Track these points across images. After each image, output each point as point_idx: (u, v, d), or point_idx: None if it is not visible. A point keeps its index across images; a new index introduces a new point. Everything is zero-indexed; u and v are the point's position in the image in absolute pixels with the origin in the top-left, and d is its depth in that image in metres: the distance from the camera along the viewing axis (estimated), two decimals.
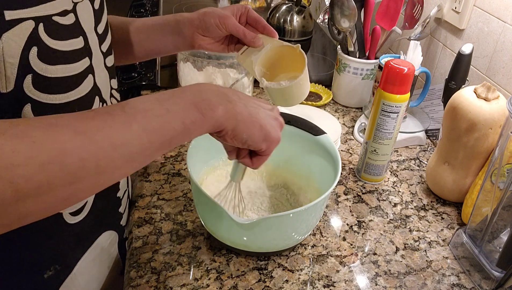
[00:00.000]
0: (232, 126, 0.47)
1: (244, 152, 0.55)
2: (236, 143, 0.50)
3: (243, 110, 0.48)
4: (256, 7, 1.79)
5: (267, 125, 0.51)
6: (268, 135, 0.51)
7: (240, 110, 0.48)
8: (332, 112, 1.09)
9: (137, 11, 1.62)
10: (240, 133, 0.48)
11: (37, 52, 0.43)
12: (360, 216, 0.77)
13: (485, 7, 0.90)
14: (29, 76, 0.43)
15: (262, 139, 0.51)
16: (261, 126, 0.50)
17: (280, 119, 0.54)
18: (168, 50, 0.72)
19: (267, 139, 0.51)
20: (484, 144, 0.73)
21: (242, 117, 0.48)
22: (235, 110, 0.47)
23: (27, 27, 0.41)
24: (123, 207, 0.70)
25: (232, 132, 0.48)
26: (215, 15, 0.66)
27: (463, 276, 0.68)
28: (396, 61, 0.76)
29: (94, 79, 0.53)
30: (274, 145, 0.53)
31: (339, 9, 1.03)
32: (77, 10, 0.48)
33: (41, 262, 0.55)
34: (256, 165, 0.56)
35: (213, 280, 0.63)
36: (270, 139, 0.52)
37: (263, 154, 0.54)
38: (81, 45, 0.49)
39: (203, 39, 0.68)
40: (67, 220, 0.55)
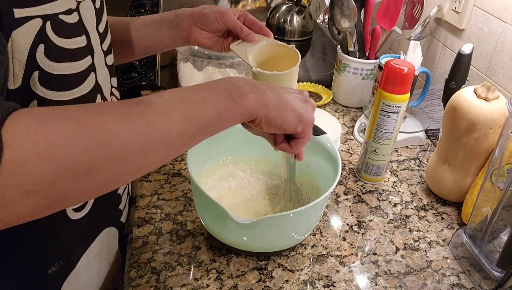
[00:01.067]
0: (265, 114, 0.48)
1: (280, 138, 0.56)
2: (272, 130, 0.51)
3: (272, 97, 0.49)
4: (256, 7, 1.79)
5: (298, 108, 0.52)
6: (301, 117, 0.52)
7: (270, 97, 0.49)
8: (332, 112, 1.09)
9: (137, 11, 1.62)
10: (274, 118, 0.49)
11: (44, 50, 0.44)
12: (360, 216, 0.77)
13: (485, 7, 0.90)
14: (35, 73, 0.44)
15: (296, 121, 0.52)
16: (293, 109, 0.51)
17: (312, 101, 0.55)
18: (165, 45, 0.73)
19: (302, 121, 0.52)
20: (484, 144, 0.73)
21: (272, 104, 0.49)
22: (265, 98, 0.49)
23: (35, 25, 0.42)
24: (123, 204, 0.70)
25: (266, 119, 0.49)
26: (214, 9, 0.68)
27: (463, 276, 0.68)
28: (396, 61, 0.76)
29: (96, 77, 0.54)
30: (309, 126, 0.54)
31: (339, 9, 1.03)
32: (80, 9, 0.49)
33: (45, 258, 0.56)
34: (295, 149, 0.57)
35: (213, 280, 0.63)
36: (304, 120, 0.53)
37: (299, 136, 0.55)
38: (84, 44, 0.50)
39: (200, 32, 0.69)
40: (71, 216, 0.56)
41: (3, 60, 0.38)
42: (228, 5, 1.81)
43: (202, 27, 0.68)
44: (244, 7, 1.80)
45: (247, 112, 0.47)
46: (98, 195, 0.40)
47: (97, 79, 0.54)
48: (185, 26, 0.69)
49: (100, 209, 0.61)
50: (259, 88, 0.49)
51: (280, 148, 0.57)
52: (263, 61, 0.67)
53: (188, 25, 0.69)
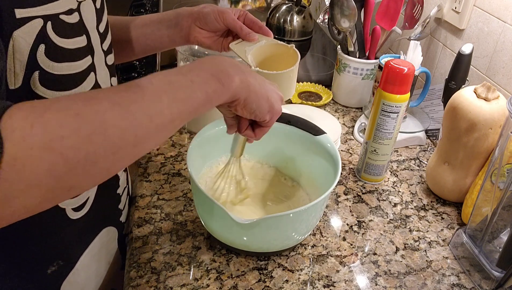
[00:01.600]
0: (245, 96, 0.50)
1: (245, 124, 0.58)
2: (245, 113, 0.53)
3: (254, 81, 0.51)
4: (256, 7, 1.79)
5: (271, 97, 0.54)
6: (272, 106, 0.54)
7: (252, 81, 0.51)
8: (332, 112, 1.09)
9: (137, 11, 1.62)
10: (250, 103, 0.51)
11: (44, 50, 0.44)
12: (360, 216, 0.77)
13: (485, 7, 0.90)
14: (36, 73, 0.44)
15: (267, 110, 0.54)
16: (268, 97, 0.53)
17: (279, 93, 0.57)
18: (164, 44, 0.73)
19: (271, 111, 0.54)
20: (484, 144, 0.73)
21: (253, 88, 0.51)
22: (248, 80, 0.50)
23: (36, 25, 0.42)
24: (123, 203, 0.70)
25: (244, 101, 0.50)
26: (214, 9, 0.68)
27: (463, 276, 0.68)
28: (396, 61, 0.76)
29: (95, 77, 0.54)
30: (276, 116, 0.56)
31: (339, 9, 1.03)
32: (80, 9, 0.49)
33: (45, 257, 0.56)
34: (259, 136, 0.58)
35: (213, 280, 0.63)
36: (274, 110, 0.55)
37: (266, 125, 0.57)
38: (84, 44, 0.50)
39: (200, 32, 0.69)
40: (70, 215, 0.56)
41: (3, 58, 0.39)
42: (228, 5, 1.80)
43: (201, 26, 0.68)
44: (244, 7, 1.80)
45: (231, 93, 0.48)
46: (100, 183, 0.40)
47: (97, 79, 0.54)
48: (184, 25, 0.69)
49: (99, 208, 0.61)
50: (243, 70, 0.50)
51: (245, 134, 0.58)
52: (263, 61, 0.67)
53: (188, 24, 0.69)
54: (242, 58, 0.64)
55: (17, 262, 0.53)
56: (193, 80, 0.45)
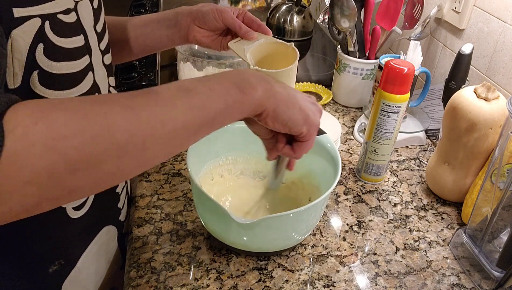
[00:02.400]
0: (273, 106, 0.47)
1: (282, 141, 0.53)
2: (277, 126, 0.49)
3: (282, 90, 0.48)
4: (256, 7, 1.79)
5: (305, 108, 0.50)
6: (308, 117, 0.50)
7: (279, 90, 0.48)
8: (332, 112, 1.09)
9: (137, 11, 1.62)
10: (281, 113, 0.47)
11: (43, 49, 0.44)
12: (360, 216, 0.77)
13: (485, 7, 0.90)
14: (35, 73, 0.44)
15: (302, 121, 0.49)
16: (301, 107, 0.49)
17: (319, 106, 0.53)
18: (163, 44, 0.73)
19: (307, 122, 0.50)
20: (484, 144, 0.73)
21: (281, 96, 0.47)
22: (274, 89, 0.47)
23: (35, 25, 0.42)
24: (122, 202, 0.70)
25: (273, 112, 0.47)
26: (213, 8, 0.67)
27: (463, 276, 0.68)
28: (396, 61, 0.76)
29: (93, 76, 0.54)
30: (314, 129, 0.51)
31: (339, 9, 1.03)
32: (78, 9, 0.49)
33: (46, 257, 0.56)
34: (299, 154, 0.53)
35: (213, 280, 0.63)
36: (310, 121, 0.50)
37: (303, 139, 0.51)
38: (82, 43, 0.50)
39: (199, 31, 0.69)
40: (71, 215, 0.56)
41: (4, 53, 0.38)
42: (228, 4, 1.81)
43: (200, 25, 0.68)
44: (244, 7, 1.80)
45: (255, 103, 0.45)
46: (104, 189, 0.39)
47: (95, 79, 0.54)
48: (183, 25, 0.69)
49: (99, 207, 0.61)
50: (268, 80, 0.48)
51: (283, 153, 0.54)
52: (262, 59, 0.67)
53: (187, 24, 0.69)
54: (240, 57, 0.64)
55: (18, 262, 0.53)
56: (212, 88, 0.43)
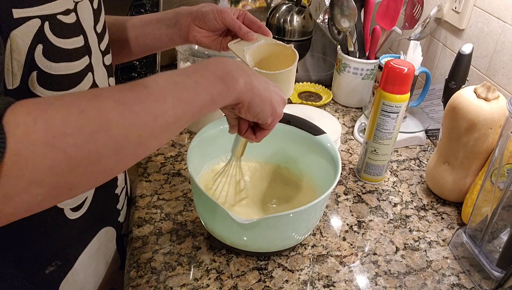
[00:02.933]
0: (249, 99, 0.50)
1: (245, 126, 0.58)
2: (248, 116, 0.53)
3: (258, 84, 0.51)
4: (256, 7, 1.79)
5: (275, 101, 0.54)
6: (275, 110, 0.54)
7: (257, 84, 0.50)
8: (332, 112, 1.09)
9: (137, 11, 1.62)
10: (254, 106, 0.51)
11: (42, 50, 0.44)
12: (360, 216, 0.77)
13: (485, 7, 0.90)
14: (34, 73, 0.44)
15: (270, 113, 0.53)
16: (272, 101, 0.53)
17: (282, 95, 0.56)
18: (163, 44, 0.73)
19: (274, 114, 0.54)
20: (484, 144, 0.73)
21: (258, 91, 0.50)
22: (253, 83, 0.50)
23: (34, 25, 0.42)
24: (121, 204, 0.70)
25: (248, 104, 0.50)
26: (213, 8, 0.68)
27: (463, 276, 0.68)
28: (396, 61, 0.76)
29: (93, 77, 0.54)
30: (278, 120, 0.56)
31: (339, 9, 1.03)
32: (77, 10, 0.49)
33: (43, 258, 0.56)
34: (260, 138, 0.59)
35: (213, 280, 0.63)
36: (276, 114, 0.55)
37: (267, 128, 0.57)
38: (82, 44, 0.50)
39: (199, 31, 0.69)
40: (68, 216, 0.56)
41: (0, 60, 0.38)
42: (228, 5, 1.80)
43: (200, 25, 0.68)
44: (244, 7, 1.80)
45: (236, 96, 0.48)
46: (102, 183, 0.40)
47: (95, 79, 0.54)
48: (184, 25, 0.69)
49: (97, 209, 0.61)
50: (248, 73, 0.50)
51: (245, 137, 0.59)
52: (261, 60, 0.67)
53: (187, 24, 0.69)
54: (240, 58, 0.64)
55: (15, 262, 0.53)
56: (198, 81, 0.45)
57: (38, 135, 0.33)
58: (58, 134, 0.34)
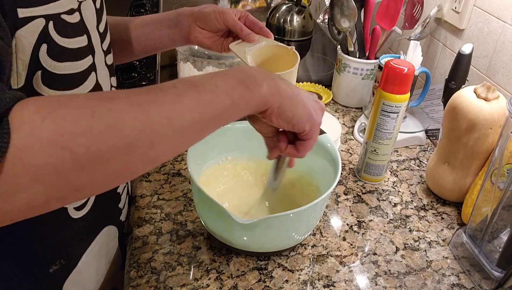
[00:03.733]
0: (278, 103, 0.47)
1: (284, 141, 0.54)
2: (280, 123, 0.49)
3: (286, 87, 0.48)
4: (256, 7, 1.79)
5: (309, 105, 0.50)
6: (310, 115, 0.50)
7: (283, 87, 0.48)
8: (332, 112, 1.09)
9: (137, 11, 1.62)
10: (285, 110, 0.48)
11: (47, 49, 0.44)
12: (360, 216, 0.77)
13: (485, 7, 0.90)
14: (38, 73, 0.44)
15: (306, 118, 0.50)
16: (305, 105, 0.50)
17: (322, 103, 0.54)
18: (164, 44, 0.73)
19: (310, 120, 0.50)
20: (484, 144, 0.73)
21: (286, 93, 0.48)
22: (279, 86, 0.47)
23: (38, 25, 0.42)
24: (123, 202, 0.70)
25: (278, 109, 0.47)
26: (215, 9, 0.68)
27: (463, 276, 0.68)
28: (396, 61, 0.76)
29: (96, 76, 0.54)
30: (317, 127, 0.52)
31: (339, 9, 1.03)
32: (81, 9, 0.49)
33: (47, 257, 0.56)
34: (302, 153, 0.54)
35: (213, 280, 0.63)
36: (313, 120, 0.51)
37: (306, 137, 0.52)
38: (85, 43, 0.50)
39: (200, 31, 0.69)
40: (72, 215, 0.56)
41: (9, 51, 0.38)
42: (228, 5, 1.81)
43: (202, 26, 0.68)
44: (244, 7, 1.80)
45: (260, 100, 0.46)
46: (111, 187, 0.39)
47: (98, 79, 0.54)
48: (185, 25, 0.69)
49: (100, 207, 0.61)
50: (272, 77, 0.48)
51: (287, 153, 0.54)
52: (262, 62, 0.67)
53: (188, 24, 0.69)
54: (241, 59, 0.64)
55: (19, 262, 0.53)
56: (218, 84, 0.43)
57: (44, 133, 0.32)
58: (65, 133, 0.33)
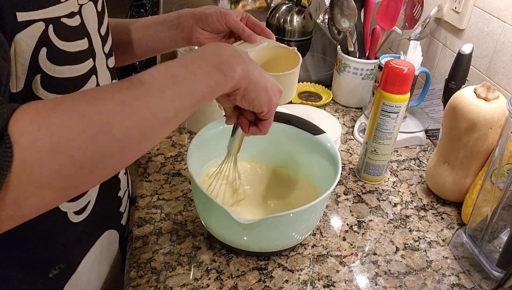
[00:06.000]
0: (246, 85, 0.49)
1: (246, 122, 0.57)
2: (243, 103, 0.52)
3: (254, 71, 0.51)
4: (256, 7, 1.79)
5: (270, 89, 0.53)
6: (270, 98, 0.53)
7: (253, 70, 0.50)
8: (332, 112, 1.09)
9: (137, 11, 1.62)
10: (250, 92, 0.50)
11: (46, 53, 0.44)
12: (360, 216, 0.77)
13: (485, 7, 0.90)
14: (38, 76, 0.44)
15: (266, 101, 0.53)
16: (267, 88, 0.52)
17: (279, 85, 0.56)
18: (166, 46, 0.73)
19: (270, 102, 0.53)
20: (484, 144, 0.73)
21: (254, 77, 0.50)
22: (249, 70, 0.50)
23: (38, 29, 0.42)
24: (124, 206, 0.70)
25: (244, 91, 0.50)
26: (217, 10, 0.68)
27: (463, 276, 0.68)
28: (396, 61, 0.76)
29: (97, 79, 0.54)
30: (274, 108, 0.55)
31: (339, 9, 1.03)
32: (82, 12, 0.49)
33: (46, 261, 0.56)
34: (264, 130, 0.58)
35: (213, 280, 0.63)
36: (272, 103, 0.54)
37: (264, 117, 0.56)
38: (86, 46, 0.50)
39: (202, 32, 0.69)
40: (71, 219, 0.56)
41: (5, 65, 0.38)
42: (228, 5, 1.81)
43: (204, 27, 0.68)
44: (244, 7, 1.80)
45: (233, 83, 0.48)
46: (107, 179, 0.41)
47: (98, 82, 0.54)
48: (187, 26, 0.69)
49: (100, 212, 0.61)
50: (245, 60, 0.50)
51: (251, 132, 0.58)
52: (264, 63, 0.67)
53: (190, 25, 0.69)
54: None
55: (18, 266, 0.53)
56: (195, 72, 0.44)
57: (42, 142, 0.33)
58: (62, 139, 0.34)
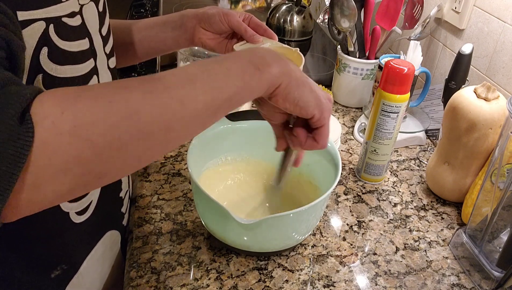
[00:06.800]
0: (286, 83, 0.46)
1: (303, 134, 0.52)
2: (287, 106, 0.48)
3: (295, 69, 0.48)
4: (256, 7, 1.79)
5: (317, 91, 0.49)
6: (319, 100, 0.49)
7: (293, 68, 0.48)
8: (332, 112, 1.09)
9: (137, 11, 1.62)
10: (291, 90, 0.47)
11: (47, 53, 0.44)
12: (360, 216, 0.77)
13: (485, 7, 0.90)
14: (39, 76, 0.44)
15: (314, 103, 0.48)
16: (312, 88, 0.49)
17: (329, 95, 0.53)
18: (168, 47, 0.73)
19: (319, 105, 0.49)
20: (484, 144, 0.73)
21: (295, 74, 0.47)
22: (289, 67, 0.47)
23: (39, 28, 0.42)
24: (125, 207, 0.70)
25: (285, 89, 0.46)
26: (219, 10, 0.68)
27: (463, 276, 0.68)
28: (396, 61, 0.76)
29: (98, 80, 0.54)
30: (328, 113, 0.50)
31: (339, 9, 1.03)
32: (83, 12, 0.49)
33: (48, 262, 0.56)
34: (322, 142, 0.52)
35: (213, 280, 0.63)
36: (322, 105, 0.49)
37: (318, 124, 0.50)
38: (87, 46, 0.50)
39: (204, 33, 0.69)
40: (73, 219, 0.56)
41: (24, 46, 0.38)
42: (228, 5, 1.80)
43: (206, 27, 0.68)
44: (244, 7, 1.80)
45: (271, 80, 0.45)
46: (130, 172, 0.40)
47: (99, 82, 0.54)
48: (189, 27, 0.69)
49: (102, 212, 0.61)
50: (282, 58, 0.48)
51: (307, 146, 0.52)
52: None
53: (192, 26, 0.69)
54: None
55: (20, 266, 0.53)
56: (229, 67, 0.43)
57: (64, 125, 0.33)
58: (83, 123, 0.34)
